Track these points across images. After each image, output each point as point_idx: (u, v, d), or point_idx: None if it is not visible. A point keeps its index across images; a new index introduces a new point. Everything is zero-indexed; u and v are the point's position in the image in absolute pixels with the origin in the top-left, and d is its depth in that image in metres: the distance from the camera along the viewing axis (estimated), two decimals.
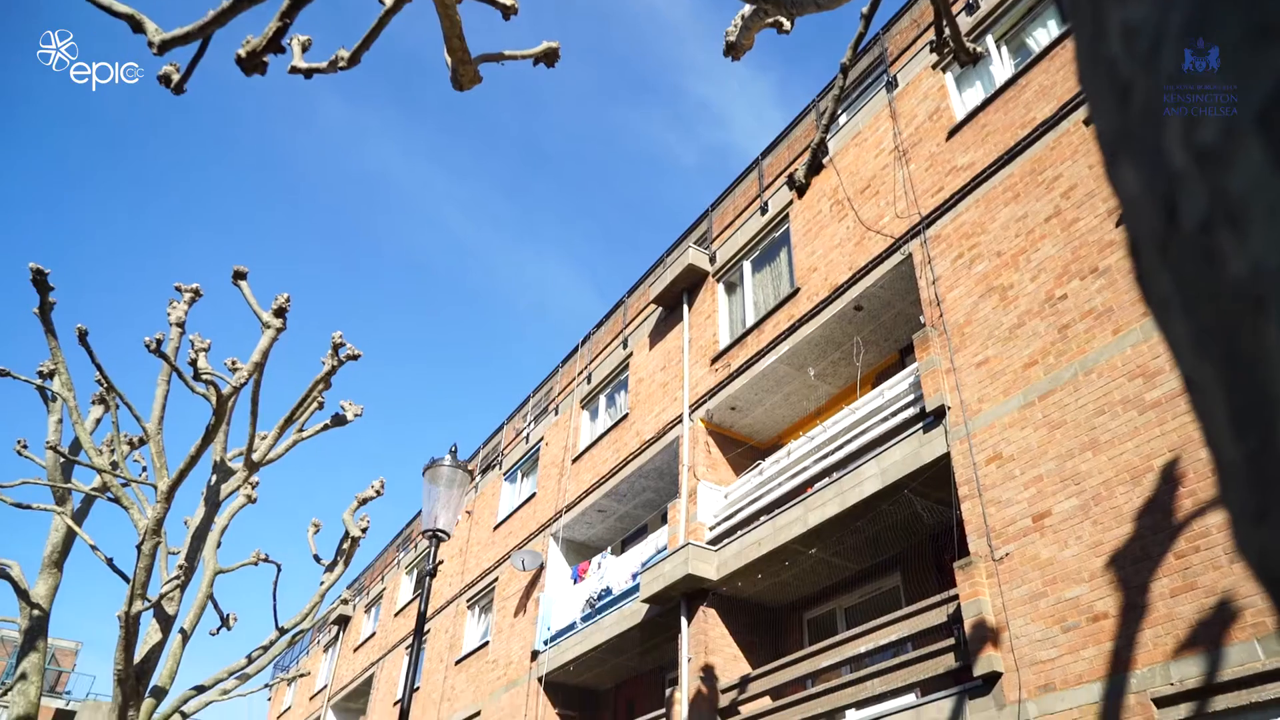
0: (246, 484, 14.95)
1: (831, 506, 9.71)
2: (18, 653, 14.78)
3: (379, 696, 21.91)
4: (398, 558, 25.15)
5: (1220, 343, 0.32)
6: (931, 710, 7.85)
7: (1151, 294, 0.39)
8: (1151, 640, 6.41)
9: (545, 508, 16.75)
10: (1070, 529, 7.27)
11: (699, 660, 10.98)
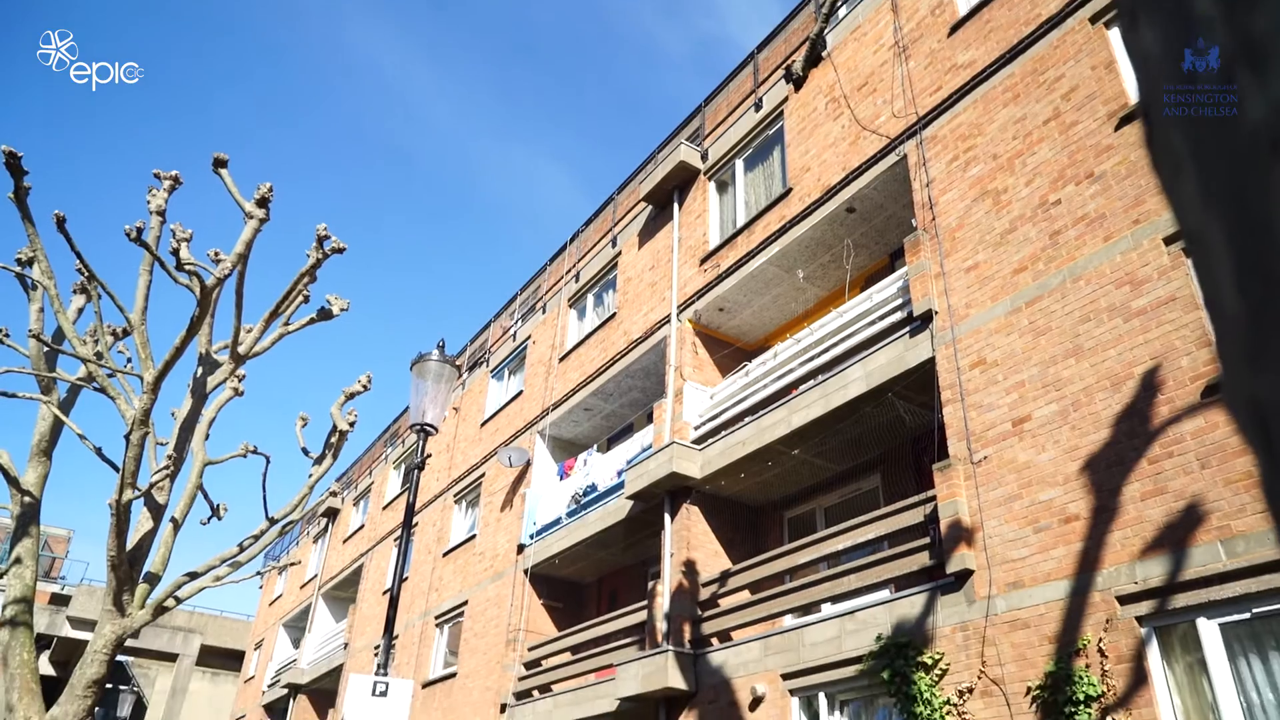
0: (233, 377, 14.97)
1: (816, 408, 9.82)
2: (11, 538, 15.04)
3: (368, 586, 22.52)
4: (385, 452, 25.47)
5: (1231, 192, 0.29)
6: (904, 605, 8.12)
7: (1161, 155, 0.37)
8: (1119, 541, 6.60)
9: (532, 405, 16.90)
10: (1048, 434, 7.38)
11: (681, 555, 11.28)
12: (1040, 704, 6.67)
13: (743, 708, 9.54)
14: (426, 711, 16.67)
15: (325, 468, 15.34)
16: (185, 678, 36.40)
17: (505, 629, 14.88)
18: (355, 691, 7.25)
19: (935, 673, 7.54)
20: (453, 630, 17.48)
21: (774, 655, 9.41)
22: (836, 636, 8.75)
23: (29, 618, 14.78)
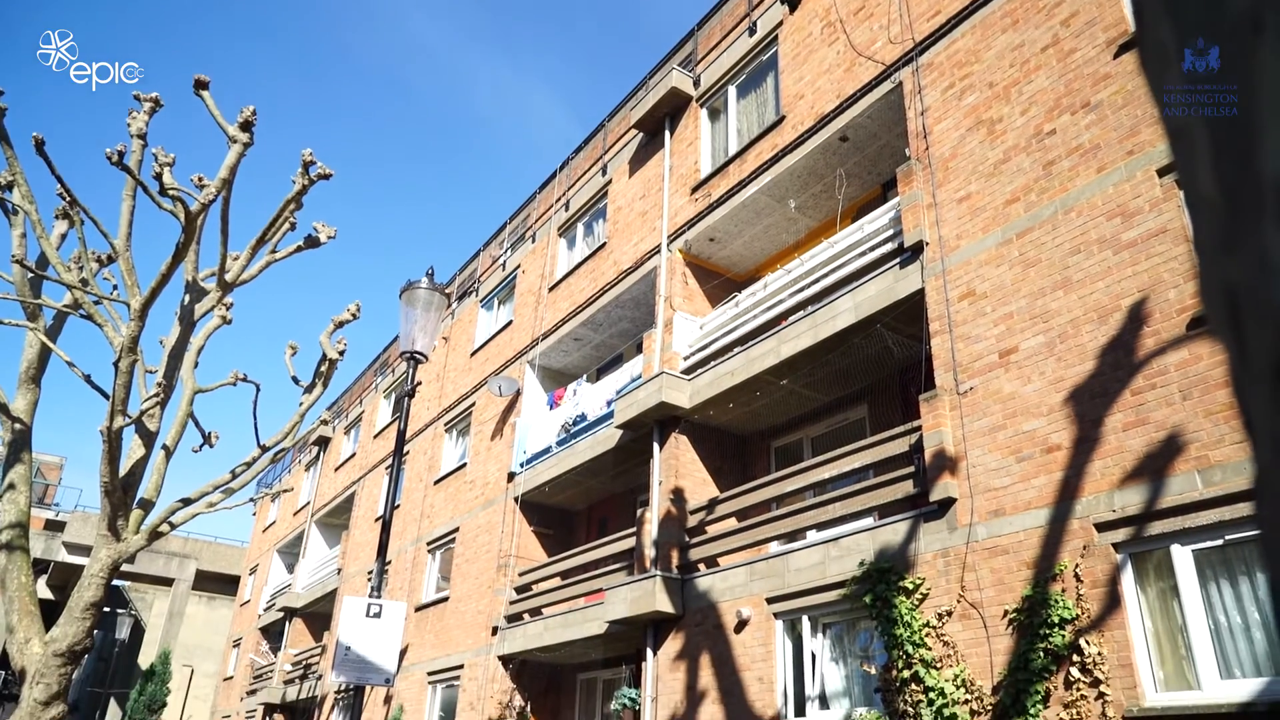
0: (220, 305, 14.88)
1: (805, 339, 9.85)
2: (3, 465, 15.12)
3: (360, 513, 22.80)
4: (375, 382, 25.52)
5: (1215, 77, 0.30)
6: (887, 532, 8.29)
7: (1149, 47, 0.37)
8: (1099, 471, 6.72)
9: (522, 335, 16.89)
10: (1034, 365, 7.45)
11: (669, 483, 11.43)
12: (1016, 626, 6.87)
13: (728, 630, 9.79)
14: (420, 633, 17.06)
15: (315, 396, 15.38)
16: (182, 601, 37.03)
17: (496, 555, 15.14)
18: (350, 613, 7.40)
19: (916, 597, 7.74)
20: (444, 556, 17.77)
21: (759, 580, 9.63)
22: (821, 562, 8.94)
23: (25, 542, 14.94)
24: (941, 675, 7.28)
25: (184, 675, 34.54)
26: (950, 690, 7.13)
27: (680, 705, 10.08)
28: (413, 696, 16.41)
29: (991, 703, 6.86)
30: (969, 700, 7.02)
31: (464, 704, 14.68)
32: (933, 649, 7.48)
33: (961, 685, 7.10)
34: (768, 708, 9.02)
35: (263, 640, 28.57)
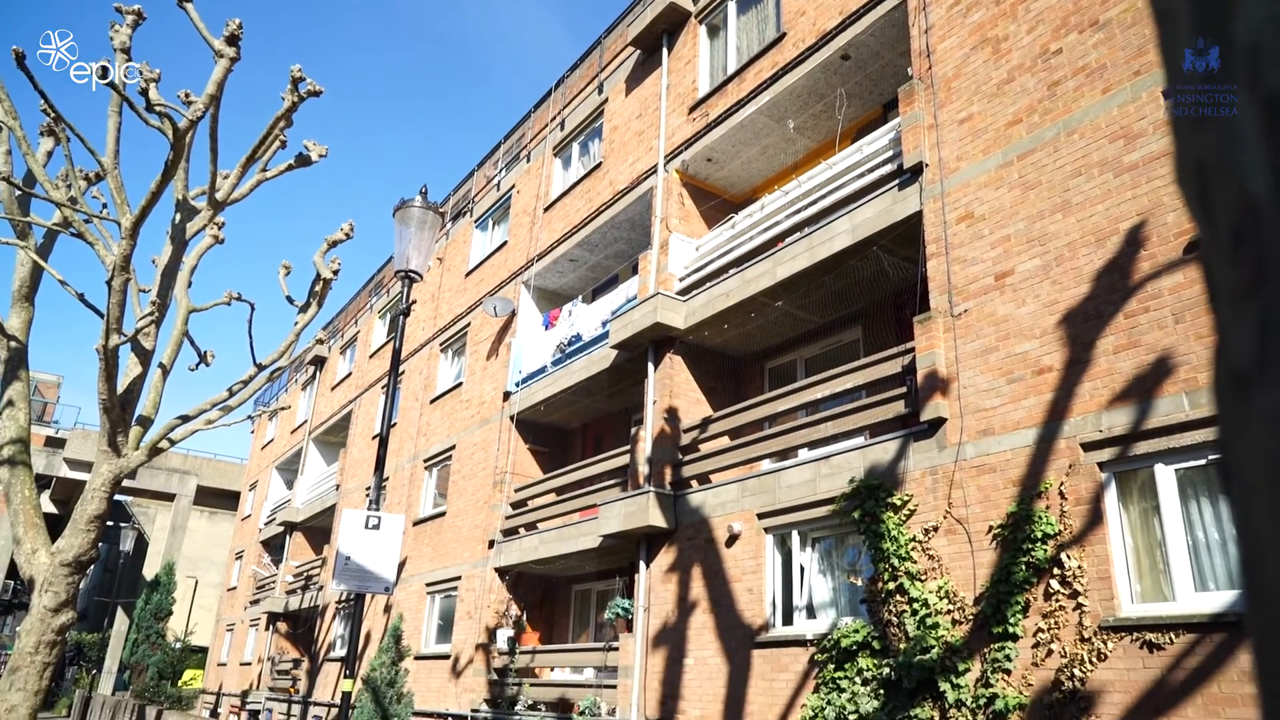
0: (212, 224, 14.75)
1: (801, 261, 9.85)
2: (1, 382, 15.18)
3: (358, 431, 23.02)
4: (370, 302, 25.47)
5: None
6: (877, 451, 8.44)
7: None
8: (1088, 392, 6.82)
9: (516, 256, 16.81)
10: (1029, 288, 7.48)
11: (663, 403, 11.56)
12: (1000, 541, 7.07)
13: (719, 544, 10.04)
14: (418, 547, 17.43)
15: (310, 315, 15.38)
16: (183, 516, 37.63)
17: (492, 472, 15.37)
18: (349, 525, 7.57)
19: (904, 513, 7.94)
20: (441, 473, 18.04)
21: (751, 496, 9.83)
22: (811, 479, 9.12)
23: (26, 457, 15.11)
24: (925, 587, 7.51)
25: (188, 586, 35.34)
26: (933, 601, 7.37)
27: (672, 615, 10.40)
28: (412, 606, 16.86)
29: (973, 613, 7.11)
30: (951, 610, 7.26)
31: (462, 613, 15.11)
32: (918, 563, 7.70)
33: (944, 596, 7.34)
34: (756, 617, 9.32)
35: (264, 553, 29.16)
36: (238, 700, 26.41)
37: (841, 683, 7.91)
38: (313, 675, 21.35)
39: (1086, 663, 6.28)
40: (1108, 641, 6.22)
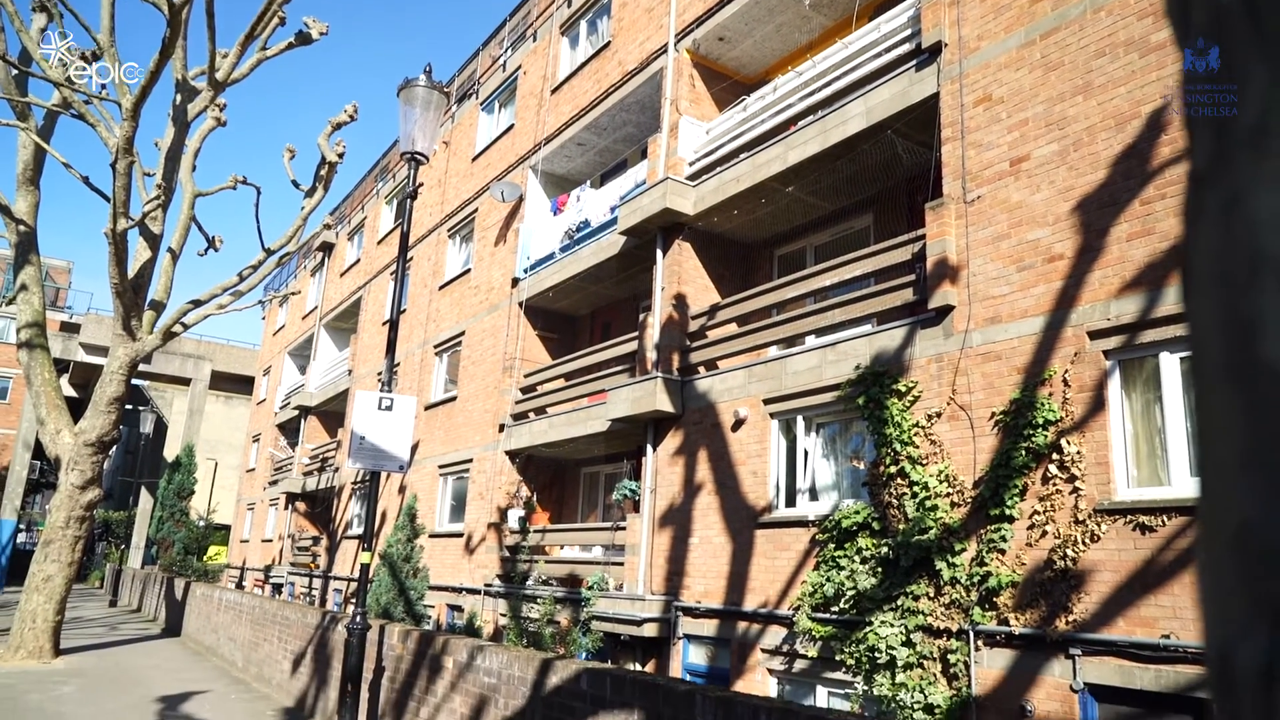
0: (213, 105, 14.50)
1: (813, 145, 9.66)
2: (13, 267, 15.23)
3: (367, 317, 23.16)
4: (376, 188, 25.19)
5: None
6: (884, 338, 8.48)
7: None
8: (1099, 280, 6.79)
9: (523, 140, 16.51)
10: (1045, 174, 7.35)
11: (671, 289, 11.56)
12: (1001, 427, 7.18)
13: (725, 428, 10.23)
14: (430, 430, 17.80)
15: (317, 200, 15.29)
16: (200, 400, 38.33)
17: (502, 357, 15.54)
18: (362, 406, 7.72)
19: (908, 399, 8.04)
20: (451, 358, 18.24)
21: (757, 382, 9.95)
22: (817, 366, 9.21)
23: (44, 340, 15.33)
24: (926, 471, 7.69)
25: (208, 468, 36.32)
26: (933, 484, 7.55)
27: (678, 496, 10.70)
28: (426, 487, 17.35)
29: (971, 495, 7.29)
30: (950, 494, 7.45)
31: (474, 494, 15.55)
32: (920, 447, 7.85)
33: (944, 480, 7.51)
34: (760, 498, 9.58)
35: (280, 436, 29.84)
36: (261, 574, 27.54)
37: (841, 561, 8.19)
38: (331, 552, 22.17)
39: (1079, 544, 6.48)
40: (1101, 524, 6.40)
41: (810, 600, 8.38)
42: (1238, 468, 0.40)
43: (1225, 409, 0.41)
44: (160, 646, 16.09)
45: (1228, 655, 0.41)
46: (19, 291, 14.77)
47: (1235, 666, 0.40)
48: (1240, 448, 0.40)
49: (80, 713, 9.17)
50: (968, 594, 7.09)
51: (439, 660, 7.00)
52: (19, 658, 12.88)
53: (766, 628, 9.04)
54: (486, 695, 6.23)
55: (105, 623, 20.85)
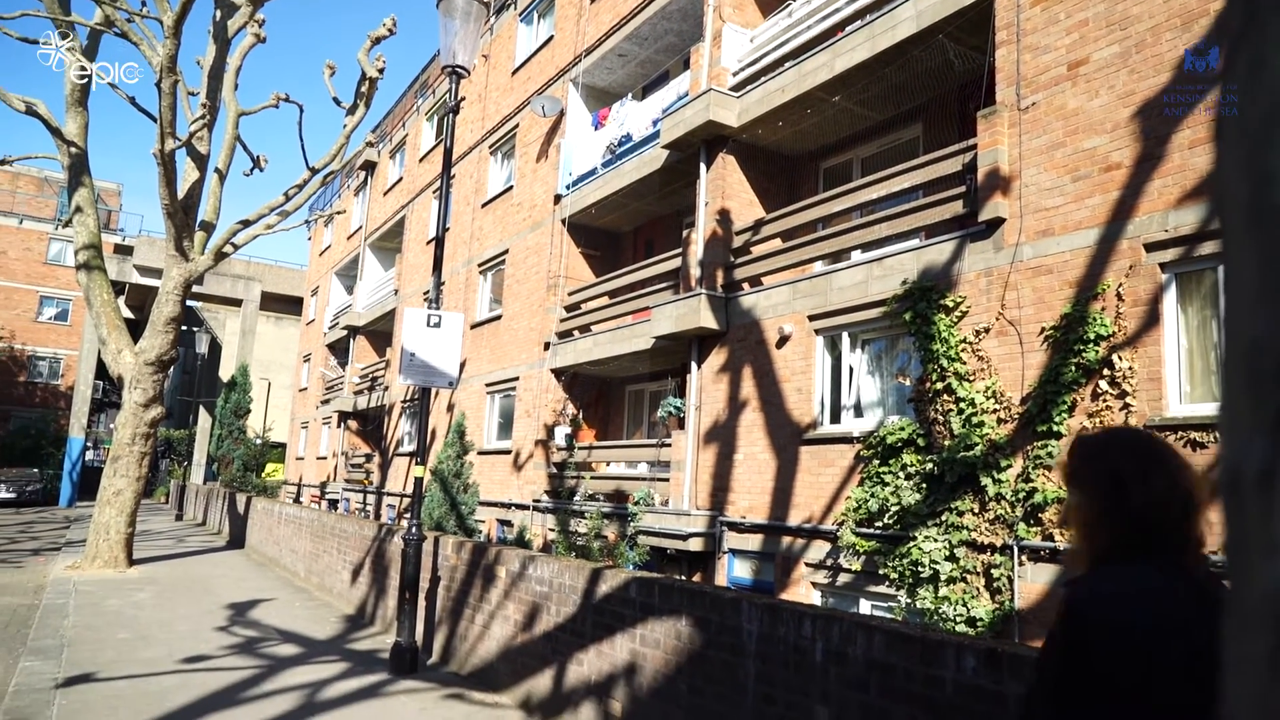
0: (252, 21, 14.40)
1: (861, 51, 9.34)
2: (67, 190, 15.52)
3: (412, 237, 23.28)
4: (416, 104, 25.00)
5: None
6: (932, 252, 8.33)
7: None
8: (1158, 190, 6.56)
9: (564, 52, 16.18)
10: (1104, 78, 7.05)
11: (715, 204, 11.42)
12: (1051, 343, 7.08)
13: (769, 345, 10.21)
14: (476, 349, 18.04)
15: (359, 117, 15.25)
16: (251, 320, 39.16)
17: (545, 275, 15.58)
18: (411, 323, 7.84)
19: (955, 314, 7.93)
20: (495, 277, 18.33)
21: (802, 299, 9.88)
22: (863, 281, 9.10)
23: (100, 262, 15.70)
24: (973, 387, 7.63)
25: (262, 387, 37.33)
26: (980, 401, 7.50)
27: (723, 413, 10.77)
28: (473, 405, 17.68)
29: (1018, 412, 7.24)
30: (997, 410, 7.40)
31: (520, 412, 15.82)
32: (967, 363, 7.78)
33: (991, 396, 7.46)
34: (805, 415, 9.61)
35: (330, 356, 30.47)
36: (317, 490, 28.52)
37: (885, 477, 8.24)
38: (384, 469, 22.82)
39: None
40: None
41: (854, 516, 8.47)
42: (1254, 299, 0.45)
43: (1244, 250, 0.46)
44: (225, 558, 16.86)
45: (1235, 460, 0.47)
46: (74, 214, 15.07)
47: (1241, 470, 0.46)
48: (1255, 283, 0.45)
49: (157, 617, 9.71)
50: (1013, 510, 7.10)
51: (492, 570, 7.25)
52: (96, 567, 13.61)
53: (810, 543, 9.19)
54: (539, 603, 6.46)
55: (173, 535, 21.85)
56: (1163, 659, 1.45)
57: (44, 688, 6.39)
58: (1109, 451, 1.69)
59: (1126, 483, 1.62)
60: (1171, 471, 1.63)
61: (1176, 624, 1.48)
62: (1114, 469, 1.64)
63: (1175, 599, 1.52)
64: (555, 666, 6.09)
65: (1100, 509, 1.64)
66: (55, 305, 44.98)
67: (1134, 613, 1.51)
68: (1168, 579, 1.55)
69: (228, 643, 8.41)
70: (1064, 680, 1.53)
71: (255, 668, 7.33)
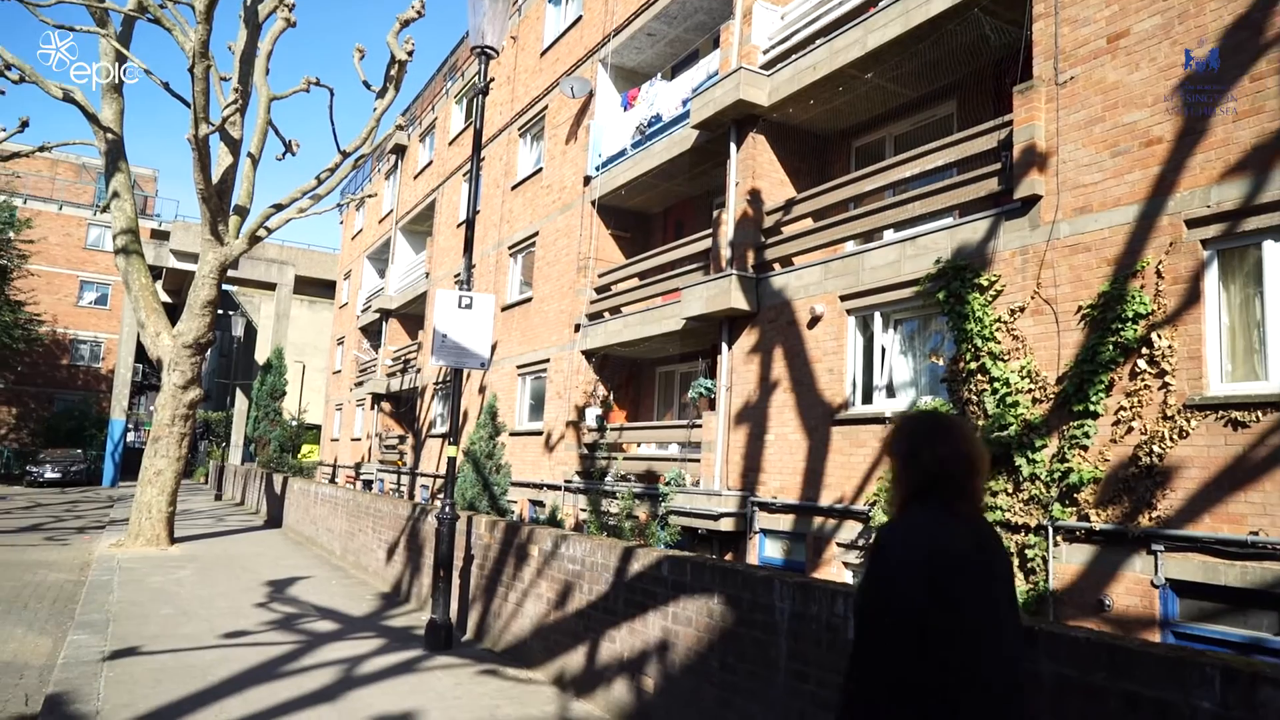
0: (282, 5, 14.48)
1: (894, 27, 9.20)
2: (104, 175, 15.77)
3: (442, 220, 23.39)
4: (445, 87, 25.05)
5: None
6: (966, 230, 8.22)
7: None
8: (1200, 165, 6.42)
9: (592, 31, 16.12)
10: (1145, 50, 6.89)
11: (746, 184, 11.35)
12: (1088, 322, 6.97)
13: (801, 326, 10.16)
14: (507, 331, 18.13)
15: (388, 100, 15.31)
16: (286, 304, 39.64)
17: (575, 257, 15.59)
18: (443, 304, 7.89)
19: (990, 293, 7.84)
20: (525, 259, 18.39)
21: (834, 278, 9.81)
22: (896, 260, 9.01)
23: (138, 246, 15.95)
24: (1008, 367, 7.54)
25: (297, 370, 37.82)
26: (1015, 380, 7.42)
27: (754, 394, 10.75)
28: (505, 387, 17.79)
29: (1054, 391, 7.15)
30: (1031, 390, 7.32)
31: (551, 393, 15.90)
32: (1001, 343, 7.69)
33: (1026, 376, 7.37)
34: (836, 396, 9.56)
35: (363, 339, 30.78)
36: (352, 471, 28.90)
37: None
38: (417, 450, 23.06)
39: (1167, 439, 6.33)
40: (1191, 419, 6.22)
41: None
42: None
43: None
44: (264, 536, 17.17)
45: None
46: (111, 198, 15.32)
47: None
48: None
49: (199, 593, 9.93)
50: (1047, 490, 7.03)
51: (525, 549, 7.32)
52: (138, 544, 13.92)
53: (842, 523, 9.16)
54: (571, 581, 6.52)
55: (212, 514, 22.28)
56: (941, 566, 1.96)
57: (91, 660, 6.57)
58: (908, 426, 2.28)
59: (919, 448, 2.17)
60: (955, 440, 2.17)
61: (950, 546, 2.01)
62: (910, 438, 2.22)
63: (950, 531, 2.05)
64: (588, 644, 6.15)
65: (901, 468, 2.20)
66: (95, 290, 45.83)
67: (919, 538, 2.03)
68: (948, 517, 2.08)
69: (266, 619, 8.58)
70: (873, 588, 2.03)
71: (293, 643, 7.47)
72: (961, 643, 1.92)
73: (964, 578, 1.97)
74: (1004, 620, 2.02)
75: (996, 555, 2.10)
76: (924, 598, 1.92)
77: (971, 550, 2.03)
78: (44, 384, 44.09)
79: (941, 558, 1.97)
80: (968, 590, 1.97)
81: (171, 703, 5.56)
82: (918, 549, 1.99)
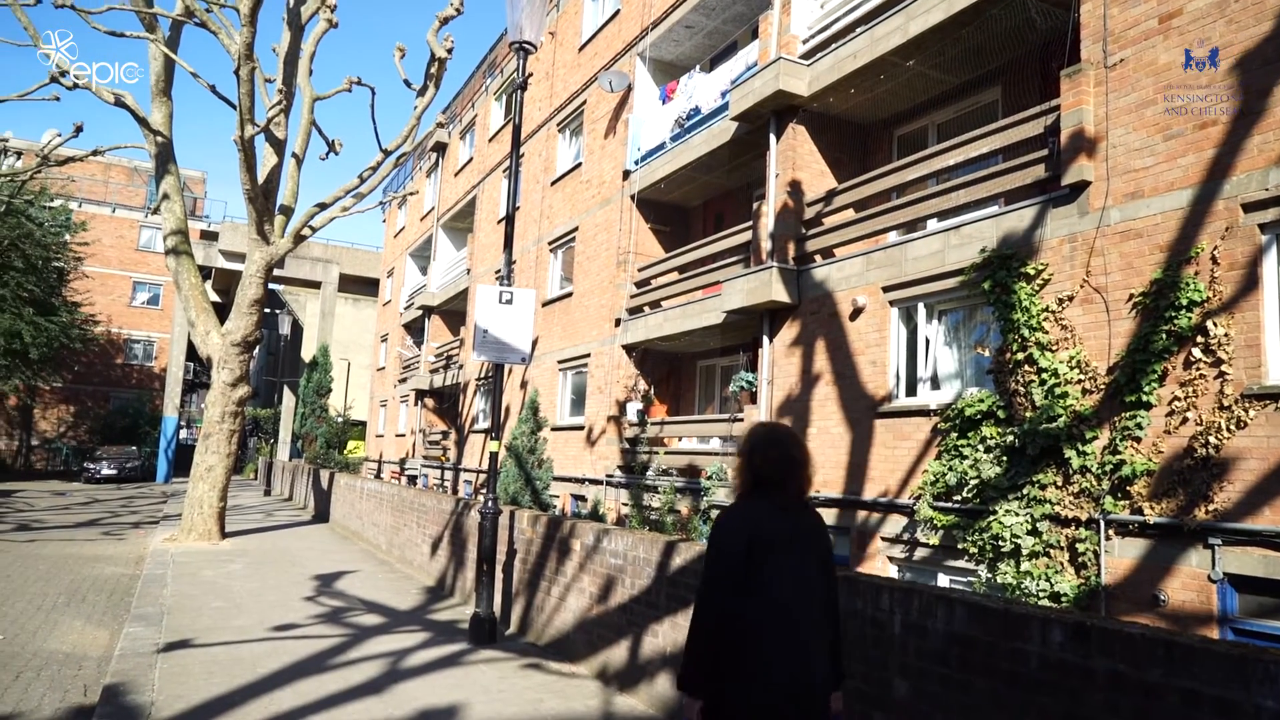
0: (324, 6, 14.66)
1: (936, 12, 9.04)
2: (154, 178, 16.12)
3: (483, 216, 23.55)
4: (485, 84, 25.19)
5: None
6: (1012, 219, 8.06)
7: None
8: (1257, 147, 6.22)
9: (630, 25, 16.08)
10: (1199, 29, 6.69)
11: (786, 176, 11.25)
12: (1140, 310, 6.79)
13: (843, 318, 10.05)
14: (548, 326, 18.20)
15: (429, 98, 15.43)
16: (330, 302, 40.22)
17: (615, 252, 15.59)
18: (484, 300, 7.93)
19: (1037, 283, 7.67)
20: (565, 255, 18.44)
21: (876, 270, 9.68)
22: (940, 250, 8.86)
23: (188, 247, 16.29)
24: (1056, 358, 7.38)
25: (342, 367, 38.39)
26: (1064, 371, 7.25)
27: (795, 387, 10.66)
28: (546, 382, 17.87)
29: (1105, 382, 6.98)
30: (1081, 380, 7.15)
31: (592, 388, 15.93)
32: (1049, 333, 7.53)
33: (1075, 366, 7.20)
34: (880, 388, 9.45)
35: (406, 336, 31.13)
36: (396, 467, 29.26)
37: (964, 450, 8.05)
38: (460, 445, 23.28)
39: (1223, 430, 6.15)
40: (1249, 409, 6.04)
41: (932, 489, 8.31)
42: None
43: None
44: (311, 531, 17.46)
45: None
46: (162, 200, 15.65)
47: None
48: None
49: (249, 586, 10.12)
50: (1098, 483, 6.87)
51: (567, 543, 7.34)
52: (191, 539, 14.23)
53: (886, 517, 9.05)
54: (613, 575, 6.52)
55: (261, 510, 22.71)
56: (755, 538, 2.73)
57: (146, 652, 6.72)
58: (751, 435, 3.00)
59: (754, 452, 2.92)
60: (783, 447, 2.92)
61: (764, 525, 2.77)
62: (750, 443, 2.96)
63: (768, 515, 2.81)
64: (630, 638, 6.15)
65: (743, 466, 2.95)
66: (147, 290, 46.96)
67: (743, 520, 2.79)
68: (771, 505, 2.84)
69: (314, 612, 8.71)
70: (711, 549, 2.78)
71: (341, 636, 7.58)
72: (764, 592, 2.69)
73: (773, 551, 2.73)
74: (812, 580, 2.80)
75: (814, 535, 2.89)
76: (740, 560, 2.70)
77: (785, 530, 2.79)
78: (100, 383, 45.33)
79: (756, 533, 2.74)
80: (774, 558, 2.73)
81: (223, 694, 5.68)
82: (741, 528, 2.75)
